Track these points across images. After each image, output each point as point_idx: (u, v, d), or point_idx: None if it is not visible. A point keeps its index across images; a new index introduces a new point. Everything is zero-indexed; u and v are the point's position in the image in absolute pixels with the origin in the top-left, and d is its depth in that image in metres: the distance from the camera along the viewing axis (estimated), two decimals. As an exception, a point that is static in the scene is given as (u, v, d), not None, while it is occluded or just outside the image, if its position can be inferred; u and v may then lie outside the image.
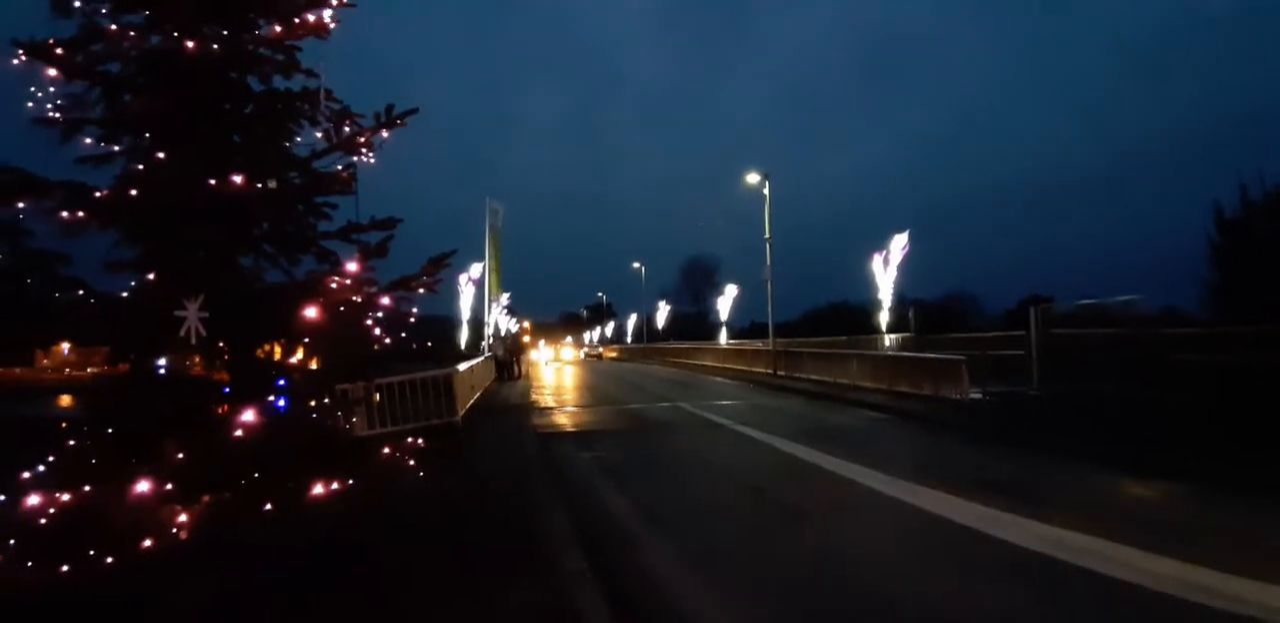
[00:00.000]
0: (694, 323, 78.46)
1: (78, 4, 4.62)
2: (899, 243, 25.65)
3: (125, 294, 4.79)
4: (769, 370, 27.82)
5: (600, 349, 78.71)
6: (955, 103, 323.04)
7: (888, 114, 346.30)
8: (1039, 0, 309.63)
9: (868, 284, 27.22)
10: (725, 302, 50.36)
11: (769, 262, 29.39)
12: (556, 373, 39.30)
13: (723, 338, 49.21)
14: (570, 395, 22.95)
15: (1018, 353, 19.80)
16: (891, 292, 25.87)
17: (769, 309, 30.59)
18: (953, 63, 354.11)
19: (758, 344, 35.90)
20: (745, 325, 69.83)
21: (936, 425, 13.71)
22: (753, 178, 30.16)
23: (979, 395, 15.80)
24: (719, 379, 28.96)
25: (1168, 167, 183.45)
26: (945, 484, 8.41)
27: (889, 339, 28.73)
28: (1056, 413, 13.29)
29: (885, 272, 25.88)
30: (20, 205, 4.30)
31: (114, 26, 4.81)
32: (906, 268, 25.85)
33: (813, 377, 23.62)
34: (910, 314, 31.62)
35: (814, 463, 10.24)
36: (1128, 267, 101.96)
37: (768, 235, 29.31)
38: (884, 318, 26.44)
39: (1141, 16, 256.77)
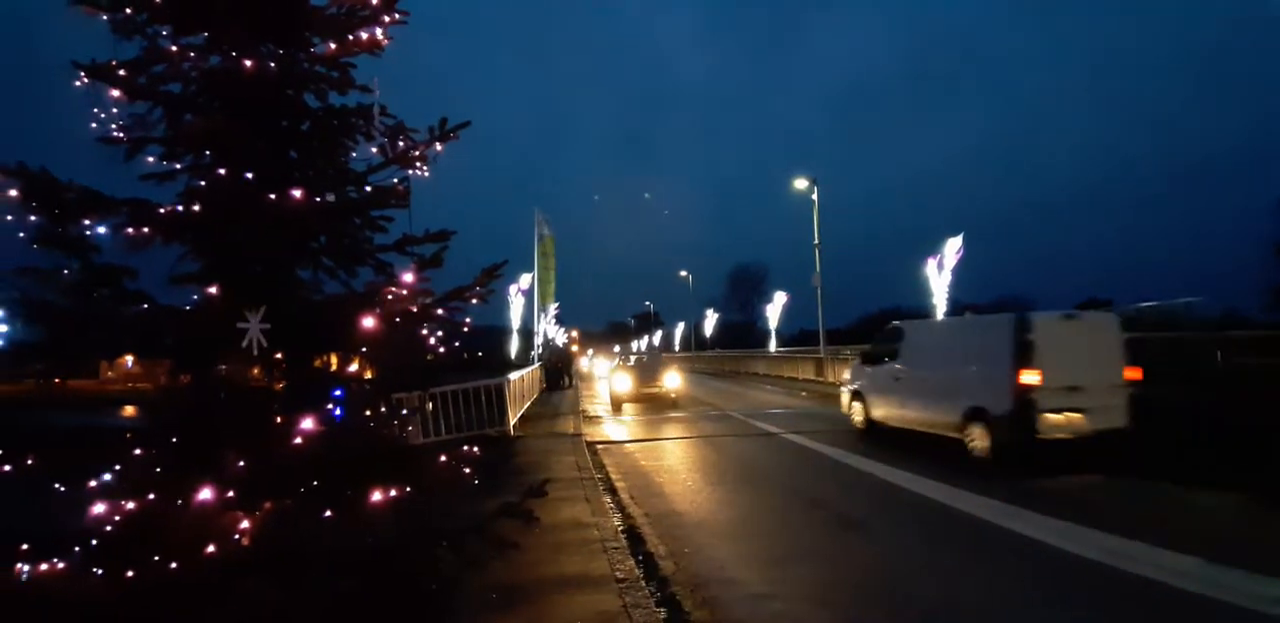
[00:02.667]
0: (742, 331, 78.07)
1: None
2: (953, 246, 25.18)
3: (189, 307, 4.90)
4: (820, 378, 27.49)
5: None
6: (1008, 108, 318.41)
7: (941, 120, 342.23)
8: (1094, 5, 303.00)
9: (920, 289, 26.72)
10: (774, 309, 49.77)
11: (818, 268, 29.12)
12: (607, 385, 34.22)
13: (772, 346, 48.73)
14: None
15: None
16: (946, 296, 25.36)
17: (819, 315, 30.26)
18: (1006, 68, 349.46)
19: (808, 351, 35.46)
20: (794, 333, 69.11)
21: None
22: (801, 184, 29.94)
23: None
24: (769, 387, 28.67)
25: (1224, 170, 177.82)
26: (1008, 495, 8.21)
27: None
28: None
29: (939, 276, 25.41)
30: (87, 222, 4.44)
31: (174, 48, 4.94)
32: (960, 272, 25.34)
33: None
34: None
35: (868, 472, 10.08)
36: (1183, 270, 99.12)
37: (817, 241, 29.08)
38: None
39: (1199, 20, 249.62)
